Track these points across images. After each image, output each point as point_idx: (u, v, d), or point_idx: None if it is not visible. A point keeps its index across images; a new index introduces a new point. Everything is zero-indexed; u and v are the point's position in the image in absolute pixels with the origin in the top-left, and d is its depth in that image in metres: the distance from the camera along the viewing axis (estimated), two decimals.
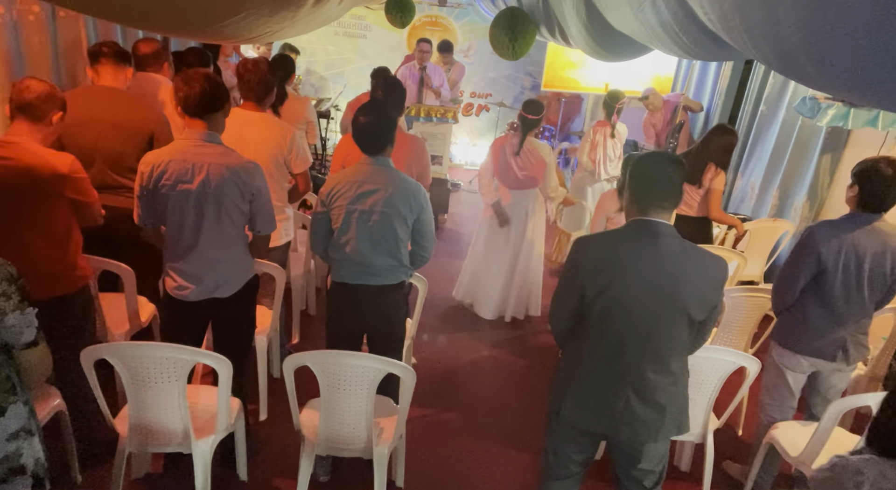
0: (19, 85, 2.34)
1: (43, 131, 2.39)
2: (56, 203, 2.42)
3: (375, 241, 2.63)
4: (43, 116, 2.36)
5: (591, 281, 2.01)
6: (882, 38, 0.96)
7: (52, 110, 2.38)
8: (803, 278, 2.72)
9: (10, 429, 1.60)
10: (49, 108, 2.37)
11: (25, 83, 2.34)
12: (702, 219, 4.17)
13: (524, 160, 4.31)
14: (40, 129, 2.38)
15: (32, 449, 1.66)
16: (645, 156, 2.16)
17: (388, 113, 2.69)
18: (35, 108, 2.34)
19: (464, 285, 4.79)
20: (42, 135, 2.39)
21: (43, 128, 2.39)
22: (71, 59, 3.72)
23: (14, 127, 2.36)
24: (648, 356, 2.03)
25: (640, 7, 2.28)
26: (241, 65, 3.15)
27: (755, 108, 5.85)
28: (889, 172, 2.53)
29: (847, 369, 2.82)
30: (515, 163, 4.31)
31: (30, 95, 2.32)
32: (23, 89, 2.32)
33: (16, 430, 1.61)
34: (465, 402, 3.67)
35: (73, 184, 2.43)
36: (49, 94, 2.36)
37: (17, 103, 2.33)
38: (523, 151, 4.28)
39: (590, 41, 3.83)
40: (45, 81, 2.39)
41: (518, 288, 4.63)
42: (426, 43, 6.87)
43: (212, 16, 2.64)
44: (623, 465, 2.23)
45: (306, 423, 2.59)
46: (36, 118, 2.35)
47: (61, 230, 2.47)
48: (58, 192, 2.39)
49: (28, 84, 2.34)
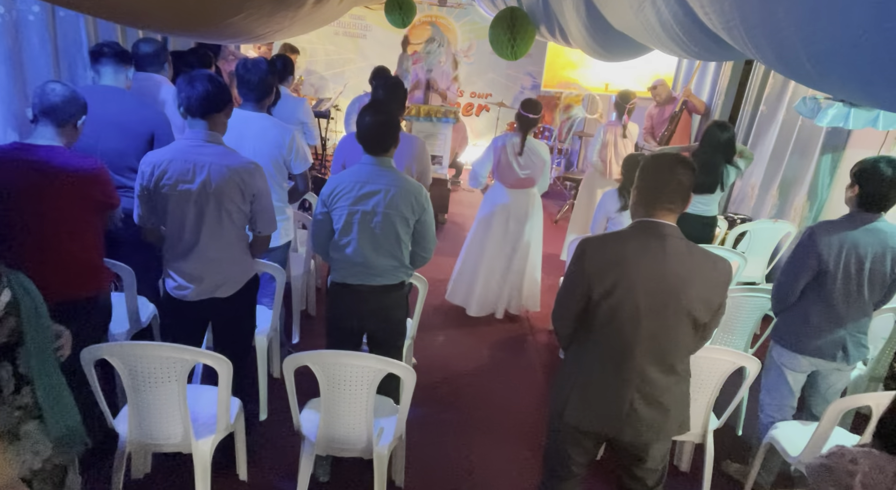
0: (44, 88, 2.35)
1: (68, 135, 2.41)
2: (86, 206, 2.45)
3: (377, 242, 2.63)
4: (69, 120, 2.38)
5: (598, 282, 2.00)
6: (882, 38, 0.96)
7: (76, 114, 2.40)
8: (804, 278, 2.72)
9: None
10: (73, 112, 2.38)
11: (51, 86, 2.36)
12: (709, 217, 4.19)
13: (527, 160, 4.31)
14: (66, 132, 2.39)
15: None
16: (655, 156, 2.15)
17: (393, 114, 2.69)
18: (61, 112, 2.35)
19: (457, 288, 4.74)
20: (67, 139, 2.41)
21: (68, 131, 2.40)
22: (71, 59, 3.72)
23: (40, 131, 2.36)
24: (654, 357, 2.02)
25: (640, 7, 2.28)
26: (241, 65, 3.15)
27: (755, 108, 5.85)
28: (889, 172, 2.53)
29: (847, 369, 2.82)
30: (518, 162, 4.32)
31: (56, 98, 2.33)
32: (48, 92, 2.33)
33: None
34: (465, 402, 3.67)
35: (103, 187, 2.47)
36: (73, 97, 2.38)
37: (43, 107, 2.33)
38: (525, 151, 4.29)
39: (590, 41, 3.84)
40: (67, 85, 2.41)
41: (511, 286, 4.62)
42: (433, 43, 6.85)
43: (212, 16, 2.64)
44: (626, 464, 2.23)
45: (306, 423, 2.59)
46: (62, 122, 2.36)
47: (92, 232, 2.51)
48: (88, 194, 2.42)
49: (53, 87, 2.35)
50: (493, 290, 4.62)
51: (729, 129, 4.07)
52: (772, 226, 4.74)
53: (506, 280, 4.60)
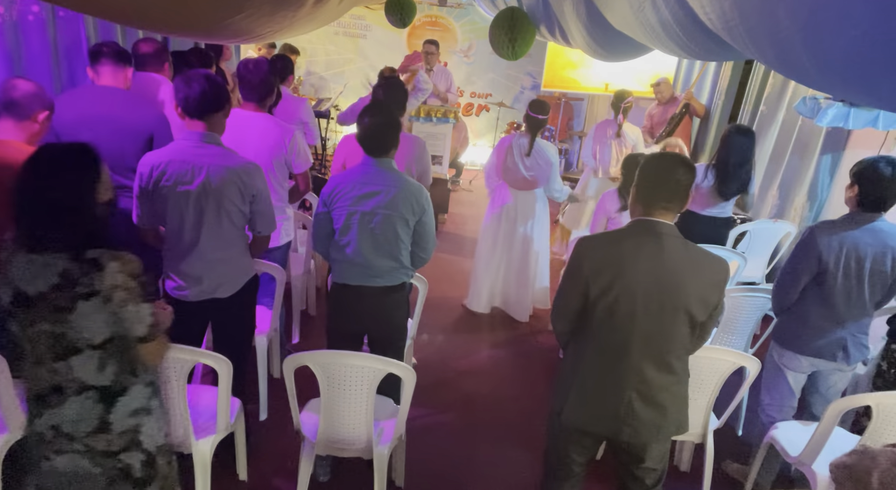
0: (6, 84, 2.39)
1: (28, 129, 2.42)
2: None
3: (377, 243, 2.63)
4: (28, 115, 2.39)
5: (596, 280, 2.01)
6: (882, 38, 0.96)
7: (37, 109, 2.41)
8: (804, 278, 2.72)
9: (131, 406, 1.79)
10: (34, 107, 2.40)
11: (12, 82, 2.39)
12: (724, 218, 4.19)
13: (533, 161, 4.30)
14: (25, 126, 2.41)
15: (150, 427, 1.84)
16: (655, 156, 2.16)
17: (394, 115, 2.68)
18: (20, 107, 2.37)
19: (476, 294, 4.70)
20: (27, 133, 2.42)
21: (28, 126, 2.41)
22: (71, 59, 3.72)
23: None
24: (651, 356, 2.03)
25: (640, 7, 2.27)
26: (243, 65, 3.15)
27: (755, 108, 5.85)
28: (888, 172, 2.53)
29: (847, 369, 2.82)
30: (524, 163, 4.31)
31: (15, 94, 2.36)
32: (9, 88, 2.37)
33: (136, 408, 1.80)
34: (465, 402, 3.67)
35: None
36: (35, 93, 2.40)
37: (3, 101, 2.37)
38: (533, 152, 4.28)
39: (590, 41, 3.83)
40: (32, 81, 2.43)
41: (518, 286, 4.63)
42: (432, 44, 6.79)
43: (212, 16, 2.64)
44: (626, 464, 2.23)
45: (306, 423, 2.59)
46: (21, 116, 2.39)
47: None
48: None
49: (15, 83, 2.39)
50: (503, 289, 4.64)
51: (750, 133, 4.04)
52: (772, 226, 4.73)
53: (512, 280, 4.61)
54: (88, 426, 1.74)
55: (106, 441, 1.77)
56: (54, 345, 1.68)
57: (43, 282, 1.63)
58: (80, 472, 1.76)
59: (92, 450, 1.76)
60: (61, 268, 1.63)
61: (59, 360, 1.69)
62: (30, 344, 1.71)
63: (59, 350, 1.69)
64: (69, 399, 1.72)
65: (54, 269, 1.63)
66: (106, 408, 1.75)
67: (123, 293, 1.68)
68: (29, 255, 1.64)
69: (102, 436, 1.76)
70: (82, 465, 1.76)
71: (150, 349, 1.80)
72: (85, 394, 1.73)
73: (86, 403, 1.73)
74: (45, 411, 1.73)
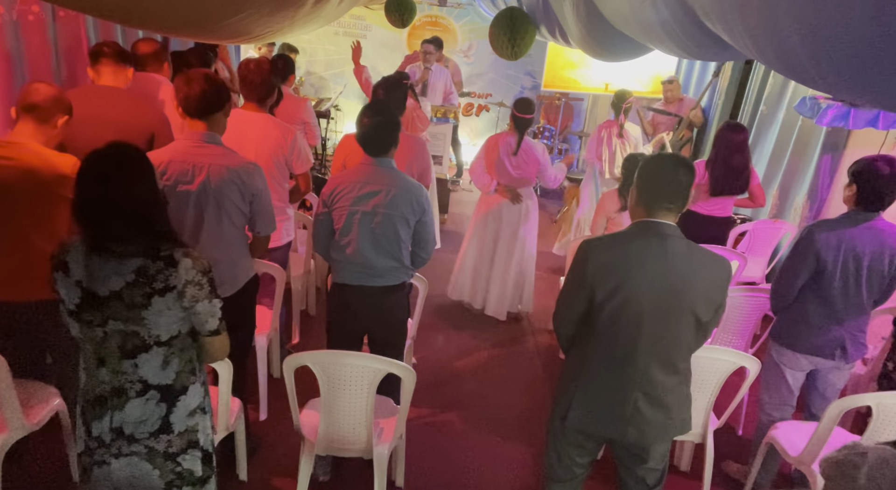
0: (28, 87, 2.38)
1: (47, 133, 2.41)
2: (58, 204, 2.42)
3: (377, 243, 2.63)
4: (48, 118, 2.39)
5: (601, 284, 1.99)
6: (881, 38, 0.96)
7: (57, 113, 2.40)
8: (802, 277, 2.73)
9: (190, 406, 1.82)
10: (55, 111, 2.39)
11: (34, 85, 2.38)
12: (724, 218, 4.18)
13: (519, 159, 4.31)
14: (44, 130, 2.40)
15: (205, 425, 1.88)
16: (655, 157, 2.16)
17: (393, 115, 2.69)
18: (41, 110, 2.36)
19: (459, 283, 4.75)
20: (45, 137, 2.41)
21: (47, 130, 2.40)
22: (71, 59, 3.72)
23: (18, 127, 2.37)
24: (658, 358, 2.02)
25: (640, 6, 2.28)
26: (244, 65, 3.15)
27: (755, 108, 5.85)
28: (886, 171, 2.53)
29: (845, 367, 2.82)
30: (510, 162, 4.31)
31: (37, 97, 2.35)
32: (31, 91, 2.36)
33: (195, 407, 1.84)
34: (465, 402, 3.67)
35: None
36: (56, 97, 2.39)
37: (24, 104, 2.35)
38: (520, 151, 4.28)
39: (590, 41, 3.83)
40: (54, 85, 2.42)
41: (507, 284, 4.62)
42: (430, 44, 6.74)
43: (212, 16, 2.64)
44: (628, 464, 2.23)
45: (306, 423, 2.59)
46: (41, 120, 2.38)
47: (63, 231, 2.47)
48: (60, 193, 2.40)
49: (37, 87, 2.37)
50: (495, 289, 4.62)
51: (741, 129, 4.04)
52: (772, 226, 4.74)
53: (503, 278, 4.59)
54: (151, 426, 1.77)
55: (167, 442, 1.80)
56: (124, 343, 1.71)
57: (116, 281, 1.66)
58: (137, 474, 1.79)
59: (152, 451, 1.79)
60: (136, 265, 1.67)
61: (127, 357, 1.72)
62: (94, 345, 1.73)
63: (129, 347, 1.72)
64: (131, 401, 1.75)
65: (129, 268, 1.66)
66: (168, 408, 1.78)
67: (195, 289, 1.72)
68: (102, 257, 1.66)
69: (164, 436, 1.79)
70: (142, 467, 1.79)
71: (219, 343, 1.86)
72: (148, 393, 1.75)
73: (148, 404, 1.76)
74: (106, 414, 1.76)
